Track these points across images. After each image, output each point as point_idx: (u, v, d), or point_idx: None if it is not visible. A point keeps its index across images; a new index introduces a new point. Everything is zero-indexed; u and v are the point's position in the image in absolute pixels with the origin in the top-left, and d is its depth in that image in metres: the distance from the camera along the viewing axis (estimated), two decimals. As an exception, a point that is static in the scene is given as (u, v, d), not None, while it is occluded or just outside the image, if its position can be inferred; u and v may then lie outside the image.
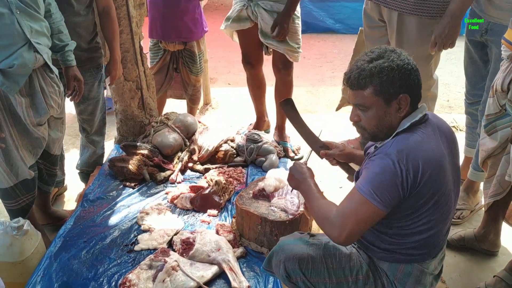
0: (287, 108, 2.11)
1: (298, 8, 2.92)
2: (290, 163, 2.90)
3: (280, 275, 1.69)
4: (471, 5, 2.32)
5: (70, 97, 2.36)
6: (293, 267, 1.64)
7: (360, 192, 1.47)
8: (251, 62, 3.22)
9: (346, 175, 1.97)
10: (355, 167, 1.94)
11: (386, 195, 1.44)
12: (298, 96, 3.47)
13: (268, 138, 3.09)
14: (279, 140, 3.22)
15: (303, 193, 1.69)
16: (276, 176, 2.31)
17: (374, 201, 1.44)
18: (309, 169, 1.74)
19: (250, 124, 3.61)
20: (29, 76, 2.06)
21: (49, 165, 2.47)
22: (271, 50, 3.11)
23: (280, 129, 3.32)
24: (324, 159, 1.96)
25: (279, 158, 2.95)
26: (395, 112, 1.54)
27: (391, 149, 1.48)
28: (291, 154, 3.10)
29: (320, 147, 1.95)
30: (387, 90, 1.51)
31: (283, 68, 3.06)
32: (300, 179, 1.70)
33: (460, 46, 2.63)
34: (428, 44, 2.38)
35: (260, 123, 3.56)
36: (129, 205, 2.52)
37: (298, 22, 2.95)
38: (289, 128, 3.33)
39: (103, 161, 2.96)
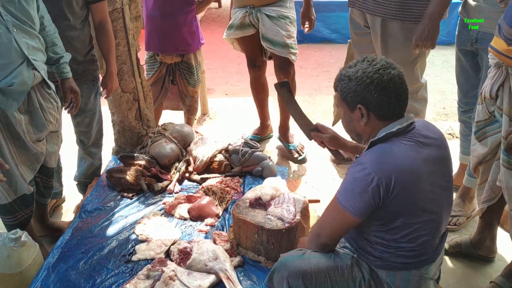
0: (282, 90, 2.19)
1: (295, 13, 3.07)
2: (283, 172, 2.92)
3: None
4: (448, 6, 2.36)
5: (67, 109, 2.37)
6: (297, 283, 1.65)
7: (337, 200, 1.57)
8: (257, 64, 3.33)
9: (333, 157, 2.07)
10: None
11: (358, 204, 1.51)
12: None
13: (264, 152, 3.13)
14: (284, 141, 3.26)
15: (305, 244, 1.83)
16: (273, 185, 2.33)
17: (348, 209, 1.53)
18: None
19: (255, 129, 3.70)
20: (27, 93, 2.08)
21: (46, 178, 2.48)
22: (269, 55, 3.19)
23: (284, 129, 3.38)
24: (313, 141, 2.08)
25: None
26: (358, 120, 1.61)
27: (365, 158, 1.53)
28: (295, 155, 3.12)
29: (311, 130, 2.05)
30: (345, 98, 1.61)
31: (284, 70, 3.14)
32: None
33: (454, 54, 2.67)
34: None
35: (264, 127, 3.66)
36: (126, 216, 2.53)
37: (295, 24, 3.08)
38: (292, 127, 3.37)
39: (101, 172, 2.97)
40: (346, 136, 1.92)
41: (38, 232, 2.54)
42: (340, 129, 2.14)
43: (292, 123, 3.14)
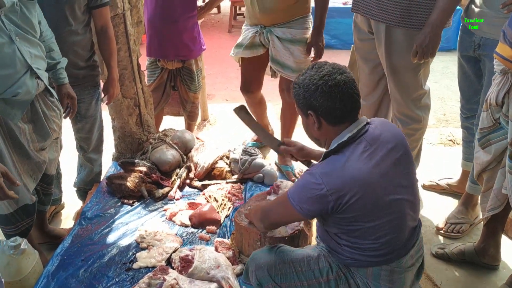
0: (241, 114, 2.25)
1: (309, 31, 2.92)
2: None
3: (254, 285, 1.77)
4: (451, 15, 2.35)
5: (64, 114, 2.35)
6: (263, 275, 1.73)
7: (288, 197, 1.63)
8: (251, 90, 3.26)
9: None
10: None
11: (307, 207, 1.57)
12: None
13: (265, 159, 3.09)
14: (281, 164, 3.17)
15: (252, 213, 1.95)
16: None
17: (295, 207, 1.60)
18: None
19: (255, 136, 3.61)
20: (30, 102, 2.06)
21: (46, 185, 2.46)
22: (278, 74, 3.13)
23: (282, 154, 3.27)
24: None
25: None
26: (312, 125, 1.65)
27: (316, 170, 1.57)
28: (292, 178, 3.05)
29: (278, 145, 2.12)
30: (298, 105, 1.67)
31: (288, 90, 3.01)
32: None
33: (455, 61, 2.67)
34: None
35: None
36: (127, 223, 2.50)
37: (305, 47, 2.93)
38: None
39: (101, 179, 2.95)
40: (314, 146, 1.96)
41: (37, 239, 2.50)
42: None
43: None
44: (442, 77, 5.53)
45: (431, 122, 4.23)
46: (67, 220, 2.91)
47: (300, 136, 3.74)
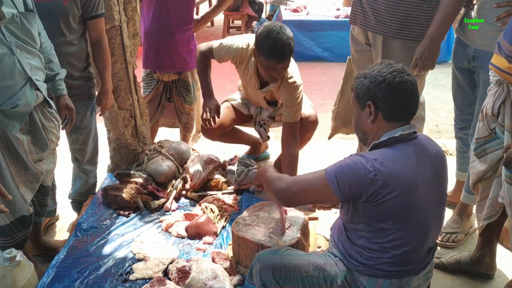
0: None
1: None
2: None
3: (258, 285, 1.76)
4: (449, 27, 2.40)
5: (62, 125, 2.35)
6: (268, 276, 1.72)
7: (325, 172, 1.60)
8: (218, 133, 3.09)
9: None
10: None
11: (345, 185, 1.55)
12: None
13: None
14: None
15: (267, 178, 1.80)
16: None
17: (332, 185, 1.57)
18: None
19: (248, 149, 3.61)
20: (29, 113, 2.05)
21: (42, 196, 2.44)
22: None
23: (278, 169, 3.15)
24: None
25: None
26: (366, 118, 1.67)
27: (370, 154, 1.58)
28: None
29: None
30: (358, 95, 1.68)
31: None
32: (262, 172, 1.86)
33: (446, 73, 2.71)
34: None
35: (255, 147, 3.56)
36: (123, 234, 2.49)
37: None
38: None
39: (96, 190, 2.93)
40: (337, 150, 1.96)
41: (32, 251, 2.48)
42: (333, 144, 2.17)
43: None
44: (434, 89, 5.59)
45: (425, 133, 4.26)
46: (61, 232, 2.88)
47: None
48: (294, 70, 2.74)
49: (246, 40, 2.73)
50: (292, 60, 2.66)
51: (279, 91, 2.73)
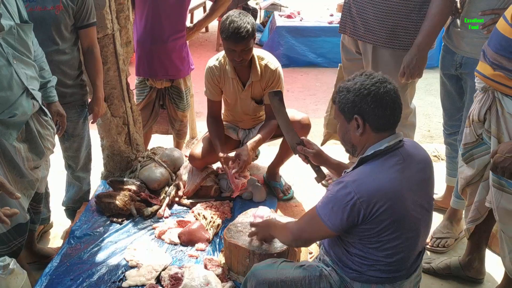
0: (274, 100, 2.23)
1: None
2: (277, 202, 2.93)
3: None
4: (437, 36, 2.44)
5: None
6: None
7: (317, 212, 1.65)
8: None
9: (315, 175, 2.16)
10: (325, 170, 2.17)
11: (336, 220, 1.59)
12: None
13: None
14: (270, 180, 3.11)
15: (273, 230, 1.98)
16: (256, 214, 2.39)
17: (326, 223, 1.62)
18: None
19: None
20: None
21: (35, 203, 2.45)
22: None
23: (272, 172, 3.14)
24: (297, 155, 2.17)
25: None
26: (353, 131, 1.68)
27: (348, 178, 1.60)
28: (280, 195, 3.04)
29: (297, 144, 2.12)
30: (343, 109, 1.68)
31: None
32: (265, 226, 2.04)
33: (438, 78, 2.74)
34: None
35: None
36: (116, 241, 2.50)
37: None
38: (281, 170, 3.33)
39: (90, 197, 2.95)
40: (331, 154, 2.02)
41: (25, 259, 2.48)
42: (326, 149, 2.21)
43: (282, 168, 3.14)
44: (426, 94, 5.63)
45: (416, 139, 4.29)
46: (55, 240, 2.89)
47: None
48: (267, 55, 2.79)
49: (214, 58, 2.85)
50: (264, 51, 2.82)
51: (261, 80, 2.76)
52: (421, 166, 1.67)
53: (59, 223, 3.01)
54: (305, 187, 3.35)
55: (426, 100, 5.42)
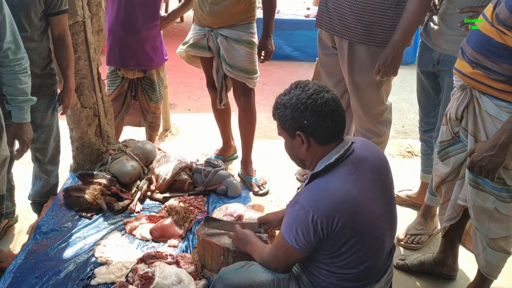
0: (210, 225, 2.17)
1: (256, 36, 2.99)
2: (252, 197, 2.89)
3: None
4: (413, 35, 2.43)
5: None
6: None
7: (283, 237, 1.61)
8: (215, 85, 3.20)
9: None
10: None
11: (303, 241, 1.55)
12: (258, 122, 3.49)
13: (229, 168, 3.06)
14: (245, 175, 3.14)
15: (250, 249, 1.90)
16: (228, 211, 2.32)
17: (295, 247, 1.58)
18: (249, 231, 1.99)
19: (217, 149, 3.58)
20: None
21: None
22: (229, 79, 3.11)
23: (245, 163, 3.23)
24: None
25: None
26: (299, 146, 1.64)
27: (303, 197, 1.57)
28: (256, 189, 3.02)
29: (259, 227, 2.10)
30: (284, 126, 1.64)
31: (243, 95, 3.05)
32: (243, 239, 1.94)
33: (413, 75, 2.74)
34: None
35: (227, 148, 3.55)
36: (85, 237, 2.42)
37: (255, 49, 3.00)
38: (255, 162, 3.32)
39: (58, 191, 2.85)
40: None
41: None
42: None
43: (253, 157, 3.11)
44: (401, 90, 5.68)
45: (391, 134, 4.30)
46: (20, 235, 2.78)
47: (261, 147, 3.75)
48: None
49: None
50: None
51: None
52: (376, 167, 1.65)
53: (25, 218, 2.90)
54: (281, 182, 3.32)
55: (401, 96, 5.46)
